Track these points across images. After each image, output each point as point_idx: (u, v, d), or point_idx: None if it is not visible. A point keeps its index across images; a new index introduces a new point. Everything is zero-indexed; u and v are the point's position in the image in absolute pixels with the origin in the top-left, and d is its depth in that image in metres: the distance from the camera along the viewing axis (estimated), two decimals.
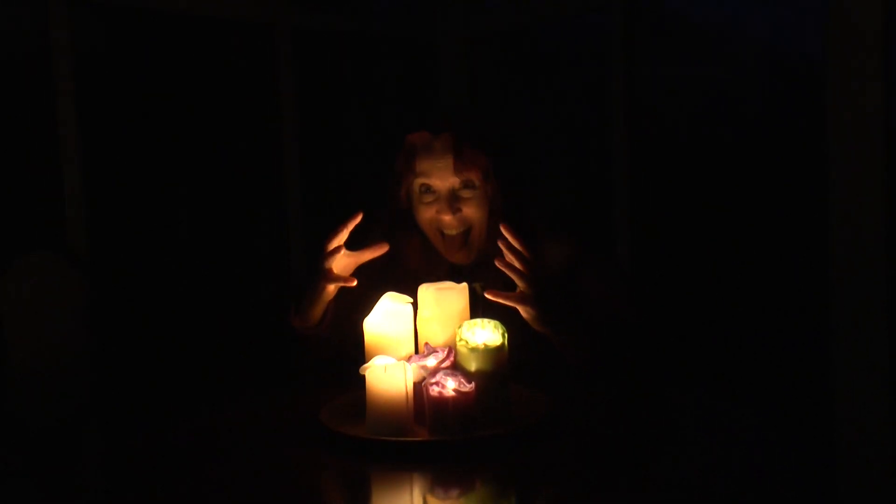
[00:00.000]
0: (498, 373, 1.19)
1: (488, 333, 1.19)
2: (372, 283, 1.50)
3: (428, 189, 1.56)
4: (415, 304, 1.29)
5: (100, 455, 1.28)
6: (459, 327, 1.21)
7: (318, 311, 1.52)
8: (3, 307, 2.11)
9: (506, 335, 1.20)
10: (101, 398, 1.66)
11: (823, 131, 2.24)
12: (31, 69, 2.50)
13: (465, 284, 1.31)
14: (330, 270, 1.44)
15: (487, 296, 1.36)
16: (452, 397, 1.12)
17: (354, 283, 1.44)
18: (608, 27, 2.80)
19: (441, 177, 1.53)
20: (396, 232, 1.63)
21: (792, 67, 2.62)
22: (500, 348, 1.19)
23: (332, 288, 1.46)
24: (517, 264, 1.36)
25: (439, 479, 1.05)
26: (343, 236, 1.42)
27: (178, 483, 1.05)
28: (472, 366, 1.18)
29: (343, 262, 1.46)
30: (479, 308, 1.39)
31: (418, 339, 1.28)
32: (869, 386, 2.16)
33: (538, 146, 3.16)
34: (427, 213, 1.57)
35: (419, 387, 1.17)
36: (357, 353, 1.27)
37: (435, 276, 1.60)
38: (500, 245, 1.38)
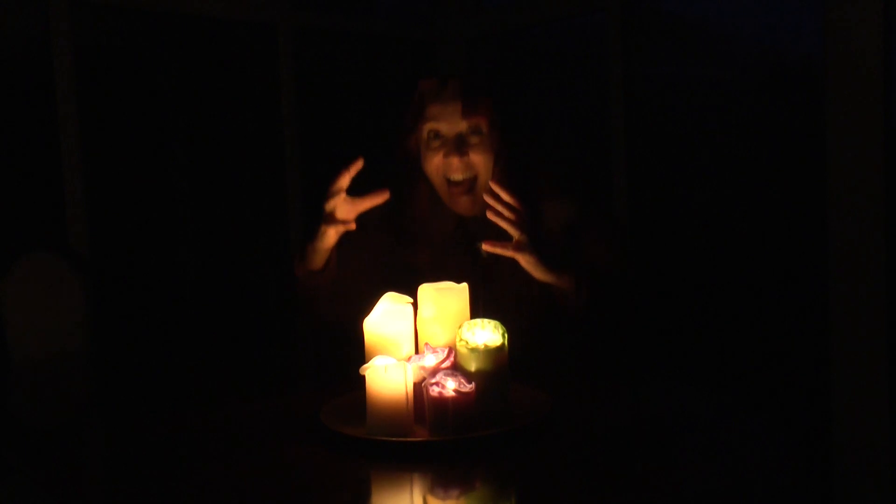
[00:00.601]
0: (498, 373, 1.19)
1: (488, 334, 1.20)
2: (379, 234, 1.59)
3: (437, 134, 1.59)
4: (415, 304, 1.29)
5: (100, 455, 1.28)
6: (459, 327, 1.21)
7: (321, 257, 1.54)
8: (3, 307, 2.11)
9: (506, 335, 1.20)
10: (101, 398, 1.66)
11: (823, 131, 2.24)
12: (31, 69, 2.50)
13: (465, 285, 1.31)
14: (331, 213, 1.47)
15: (485, 247, 1.41)
16: (452, 398, 1.12)
17: (354, 227, 1.47)
18: (607, 27, 2.80)
19: (449, 121, 1.57)
20: (404, 182, 1.65)
21: (791, 67, 2.62)
22: (500, 348, 1.19)
23: (332, 232, 1.49)
24: (507, 214, 1.39)
25: (439, 479, 1.05)
26: (344, 180, 1.45)
27: (178, 483, 1.05)
28: (472, 366, 1.18)
29: (344, 208, 1.48)
30: (479, 308, 1.40)
31: (418, 340, 1.28)
32: (867, 385, 2.16)
33: (538, 144, 3.16)
34: (435, 159, 1.60)
35: (419, 387, 1.17)
36: (359, 318, 1.29)
37: (440, 230, 1.63)
38: (488, 199, 1.40)
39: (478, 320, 1.21)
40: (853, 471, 2.14)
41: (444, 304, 1.27)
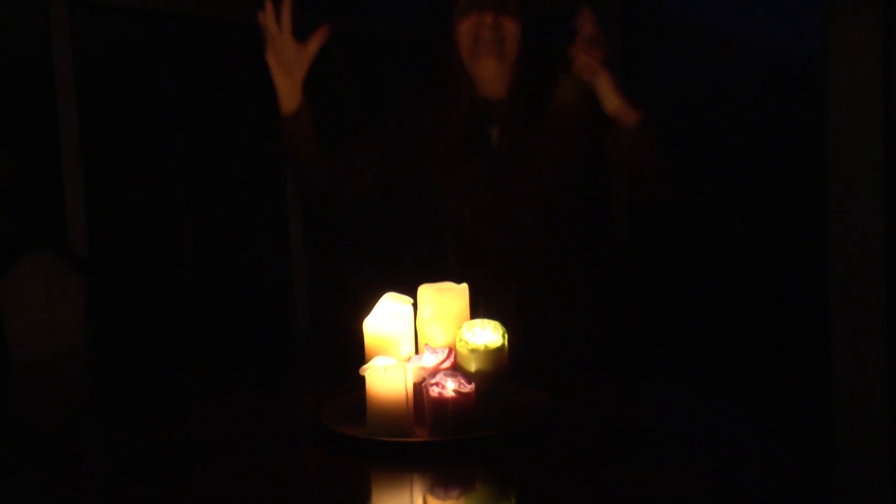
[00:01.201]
0: (498, 374, 1.19)
1: (488, 334, 1.19)
2: (405, 112, 1.74)
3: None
4: (415, 305, 1.29)
5: (100, 455, 1.28)
6: (459, 328, 1.21)
7: (282, 99, 1.64)
8: (3, 307, 2.11)
9: (506, 336, 1.20)
10: (101, 398, 1.66)
11: (823, 131, 2.24)
12: (31, 70, 2.50)
13: (465, 285, 1.31)
14: (269, 46, 1.56)
15: (577, 63, 1.49)
16: (452, 398, 1.12)
17: (281, 53, 1.58)
18: (607, 27, 2.80)
19: None
20: (440, 56, 1.73)
21: (791, 67, 2.62)
22: (500, 349, 1.19)
23: (271, 59, 1.58)
24: (596, 34, 1.47)
25: (439, 479, 1.05)
26: (276, 14, 1.54)
27: (178, 483, 1.05)
28: (472, 366, 1.18)
29: (291, 52, 1.60)
30: (479, 308, 1.40)
31: (418, 340, 1.28)
32: (867, 385, 2.16)
33: None
34: (467, 22, 1.67)
35: (419, 387, 1.17)
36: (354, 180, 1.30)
37: (456, 108, 1.71)
38: (579, 26, 1.49)
39: (478, 320, 1.21)
40: (854, 472, 2.14)
41: (444, 304, 1.27)
